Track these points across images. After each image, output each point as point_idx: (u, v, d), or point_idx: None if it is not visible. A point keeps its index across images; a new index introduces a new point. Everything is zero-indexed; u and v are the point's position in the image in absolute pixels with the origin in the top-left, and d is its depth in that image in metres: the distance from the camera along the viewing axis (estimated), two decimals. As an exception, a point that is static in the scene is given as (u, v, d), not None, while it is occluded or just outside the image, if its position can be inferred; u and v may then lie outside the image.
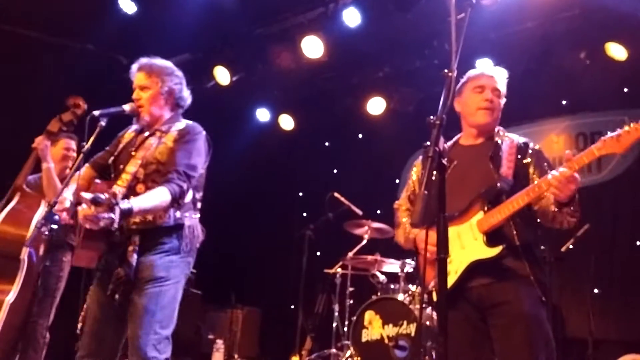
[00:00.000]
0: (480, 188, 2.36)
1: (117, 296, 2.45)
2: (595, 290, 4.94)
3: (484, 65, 2.55)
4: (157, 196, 2.43)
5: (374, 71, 6.32)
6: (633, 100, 5.21)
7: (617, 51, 5.07)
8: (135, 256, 2.47)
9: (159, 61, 2.76)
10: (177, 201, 2.50)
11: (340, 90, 6.72)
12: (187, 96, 2.82)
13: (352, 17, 5.23)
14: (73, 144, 3.91)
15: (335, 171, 7.21)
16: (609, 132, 2.13)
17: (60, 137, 3.75)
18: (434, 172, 1.64)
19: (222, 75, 6.18)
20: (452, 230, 2.25)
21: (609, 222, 5.36)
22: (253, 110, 7.09)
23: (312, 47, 5.57)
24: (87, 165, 2.76)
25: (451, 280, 2.25)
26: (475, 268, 2.29)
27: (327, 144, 7.41)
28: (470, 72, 2.58)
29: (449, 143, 2.59)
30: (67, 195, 2.54)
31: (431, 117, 1.69)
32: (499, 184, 2.34)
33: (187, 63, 6.17)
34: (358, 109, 6.62)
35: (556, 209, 2.24)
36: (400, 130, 6.36)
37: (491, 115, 2.51)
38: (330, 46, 5.56)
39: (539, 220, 2.40)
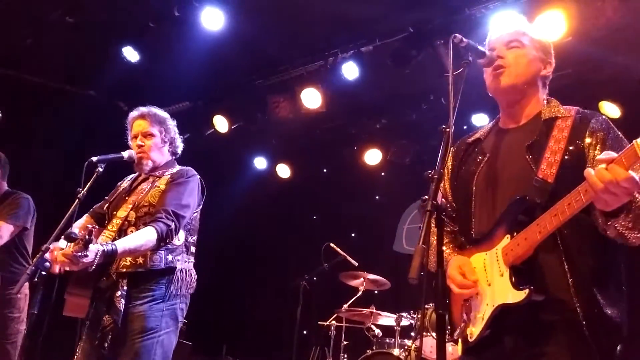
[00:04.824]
0: (512, 198, 1.71)
1: (106, 345, 2.38)
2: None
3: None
4: (143, 236, 2.39)
5: (371, 123, 6.40)
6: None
7: (610, 109, 5.15)
8: (122, 302, 2.40)
9: (158, 110, 2.84)
10: (164, 240, 2.45)
11: (338, 141, 6.79)
12: (180, 145, 2.90)
13: (350, 71, 5.32)
14: None
15: (331, 221, 7.18)
16: None
17: None
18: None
19: (220, 124, 6.25)
20: (478, 259, 1.77)
21: None
22: (251, 159, 7.13)
23: (311, 98, 5.65)
24: (87, 214, 2.77)
25: (477, 328, 1.71)
26: (506, 313, 1.65)
27: (323, 193, 7.41)
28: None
29: (487, 126, 2.04)
30: (61, 244, 2.50)
31: (429, 171, 1.59)
32: (529, 196, 1.66)
33: (186, 111, 6.27)
34: (355, 159, 6.67)
35: (601, 220, 1.55)
36: (396, 182, 6.39)
37: (504, 75, 1.87)
38: (328, 98, 5.64)
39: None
